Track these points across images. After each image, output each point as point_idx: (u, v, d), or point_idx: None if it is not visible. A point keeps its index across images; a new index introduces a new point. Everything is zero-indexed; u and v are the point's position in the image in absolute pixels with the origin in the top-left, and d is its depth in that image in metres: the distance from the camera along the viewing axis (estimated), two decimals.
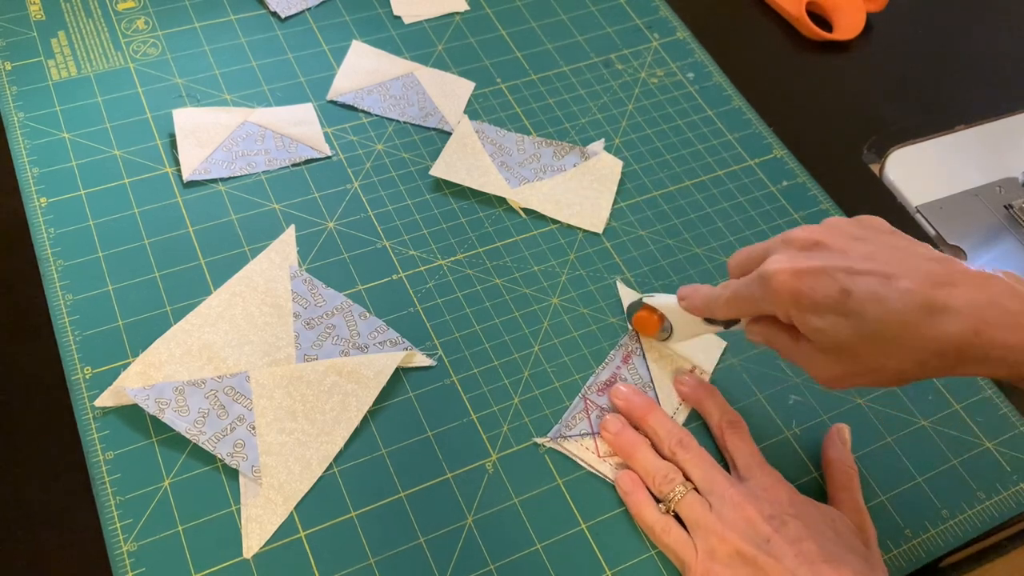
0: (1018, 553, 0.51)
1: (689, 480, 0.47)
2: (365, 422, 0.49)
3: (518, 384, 0.52)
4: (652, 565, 0.47)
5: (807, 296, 0.39)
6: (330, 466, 0.48)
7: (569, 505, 0.48)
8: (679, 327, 0.51)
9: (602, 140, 0.64)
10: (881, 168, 0.67)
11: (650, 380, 0.53)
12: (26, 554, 0.44)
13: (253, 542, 0.45)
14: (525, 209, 0.60)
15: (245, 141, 0.60)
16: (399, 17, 0.70)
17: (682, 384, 0.52)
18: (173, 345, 0.50)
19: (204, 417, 0.47)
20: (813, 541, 0.43)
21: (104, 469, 0.46)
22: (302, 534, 0.46)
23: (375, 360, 0.51)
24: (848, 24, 0.75)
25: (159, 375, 0.49)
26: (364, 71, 0.65)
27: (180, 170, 0.58)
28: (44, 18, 0.65)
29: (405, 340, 0.53)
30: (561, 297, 0.56)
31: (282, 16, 0.68)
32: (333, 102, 0.63)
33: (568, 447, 0.50)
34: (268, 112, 0.62)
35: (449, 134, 0.63)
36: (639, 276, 0.58)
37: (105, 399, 0.48)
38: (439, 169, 0.60)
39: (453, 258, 0.57)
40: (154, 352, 0.49)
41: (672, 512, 0.46)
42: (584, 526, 0.48)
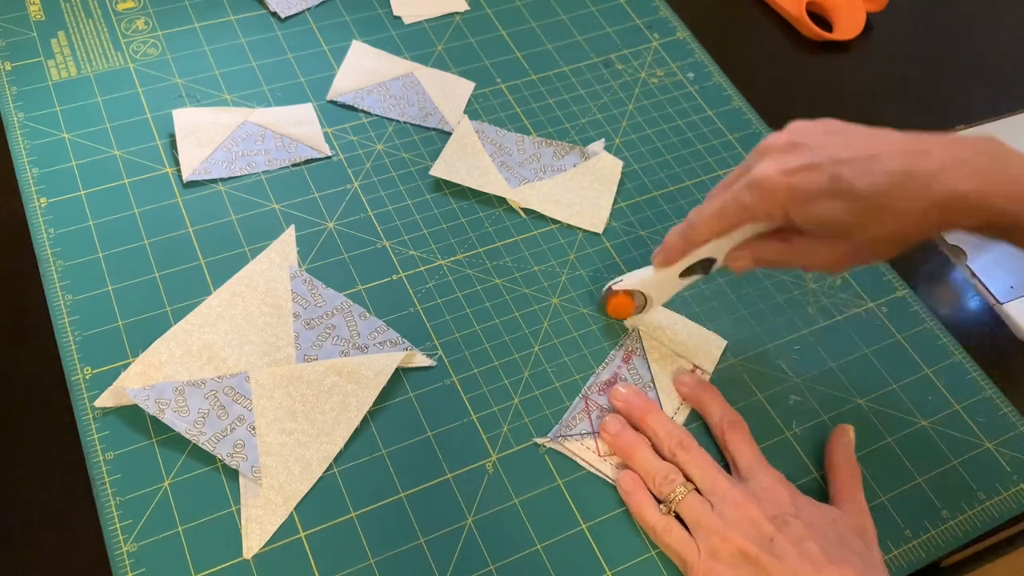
0: (1018, 553, 0.51)
1: (690, 481, 0.47)
2: (365, 422, 0.49)
3: (518, 384, 0.52)
4: (652, 565, 0.47)
5: (800, 190, 0.43)
6: (330, 466, 0.48)
7: (569, 505, 0.48)
8: (655, 293, 0.52)
9: (602, 140, 0.64)
10: None
11: (651, 380, 0.53)
12: (26, 554, 0.44)
13: (253, 542, 0.45)
14: (525, 209, 0.60)
15: (245, 141, 0.60)
16: (399, 17, 0.70)
17: (682, 384, 0.52)
18: (173, 345, 0.50)
19: (204, 417, 0.47)
20: (815, 541, 0.43)
21: (104, 469, 0.46)
22: (302, 534, 0.46)
23: (375, 360, 0.51)
24: (848, 24, 0.75)
25: (159, 375, 0.49)
26: (364, 71, 0.65)
27: (180, 170, 0.58)
28: (44, 18, 0.65)
29: (405, 340, 0.53)
30: (561, 297, 0.56)
31: (282, 16, 0.68)
32: (333, 102, 0.63)
33: (569, 447, 0.50)
34: (268, 112, 0.62)
35: (449, 134, 0.63)
36: None
37: (105, 399, 0.48)
38: (439, 169, 0.60)
39: (453, 258, 0.57)
40: (154, 352, 0.49)
41: (673, 512, 0.46)
42: (584, 526, 0.48)
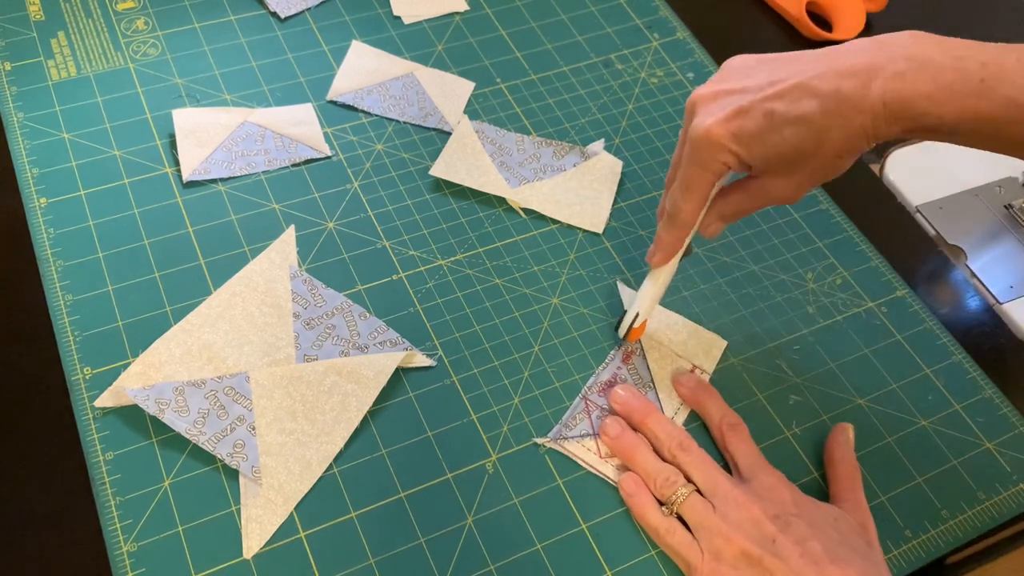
0: (1018, 553, 0.51)
1: (691, 482, 0.47)
2: (365, 422, 0.49)
3: (518, 384, 0.52)
4: (652, 565, 0.47)
5: (741, 131, 0.43)
6: (330, 466, 0.48)
7: (569, 505, 0.48)
8: (657, 296, 0.52)
9: (602, 140, 0.64)
10: (881, 168, 0.68)
11: (650, 380, 0.53)
12: (26, 554, 0.44)
13: (253, 542, 0.45)
14: (525, 209, 0.60)
15: (245, 141, 0.60)
16: (399, 17, 0.70)
17: (681, 385, 0.52)
18: (173, 345, 0.50)
19: (204, 417, 0.47)
20: (818, 541, 0.43)
21: (104, 469, 0.46)
22: (302, 534, 0.46)
23: (375, 360, 0.51)
24: (848, 24, 0.75)
25: (159, 375, 0.49)
26: (364, 71, 0.65)
27: (180, 170, 0.58)
28: (44, 18, 0.65)
29: (405, 340, 0.53)
30: (561, 297, 0.56)
31: (282, 16, 0.68)
32: (333, 102, 0.63)
33: (569, 448, 0.50)
34: (268, 112, 0.62)
35: (449, 134, 0.63)
36: (639, 276, 0.58)
37: (105, 399, 0.48)
38: (439, 169, 0.60)
39: (453, 258, 0.57)
40: (154, 352, 0.49)
41: (675, 514, 0.46)
42: (584, 526, 0.48)
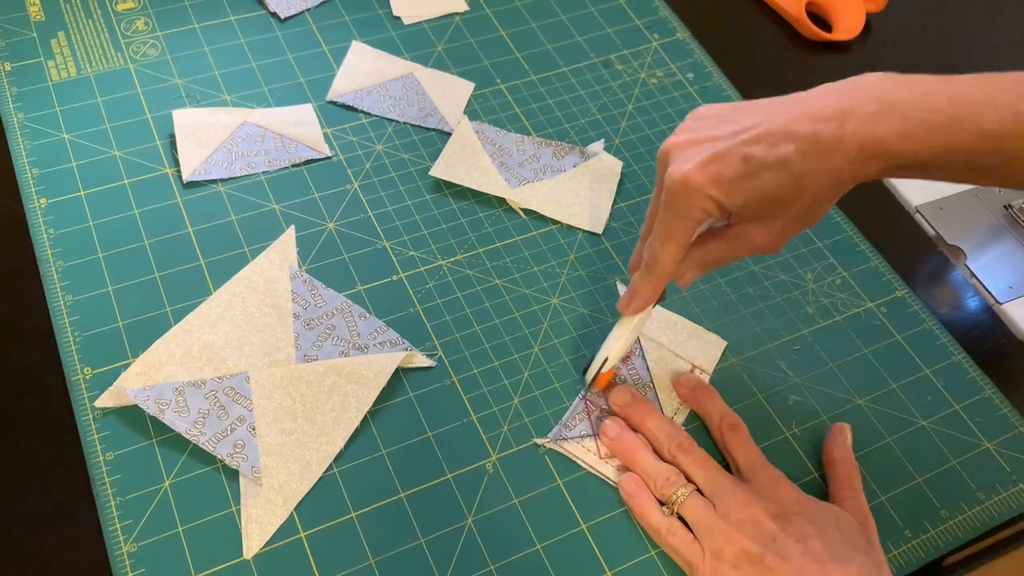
0: (1018, 553, 0.51)
1: (691, 482, 0.47)
2: (365, 423, 0.49)
3: (518, 385, 0.52)
4: (652, 565, 0.47)
5: (720, 177, 0.42)
6: (330, 467, 0.48)
7: (569, 505, 0.48)
8: (628, 344, 0.50)
9: (602, 140, 0.64)
10: None
11: (650, 380, 0.53)
12: (26, 554, 0.44)
13: (253, 543, 0.45)
14: (525, 209, 0.60)
15: (245, 142, 0.60)
16: (399, 18, 0.70)
17: (681, 385, 0.52)
18: (173, 346, 0.50)
19: (204, 418, 0.47)
20: (819, 539, 0.43)
21: (104, 470, 0.46)
22: (302, 534, 0.46)
23: (375, 361, 0.51)
24: (848, 24, 0.75)
25: (159, 376, 0.49)
26: (364, 72, 0.65)
27: (180, 171, 0.58)
28: (44, 19, 0.65)
29: (405, 340, 0.53)
30: (561, 297, 0.56)
31: (282, 17, 0.68)
32: (333, 103, 0.63)
33: (568, 448, 0.50)
34: (268, 113, 0.62)
35: (449, 134, 0.63)
36: None
37: (105, 400, 0.48)
38: (439, 169, 0.60)
39: (453, 258, 0.57)
40: (154, 353, 0.49)
41: (676, 514, 0.46)
42: (584, 526, 0.48)
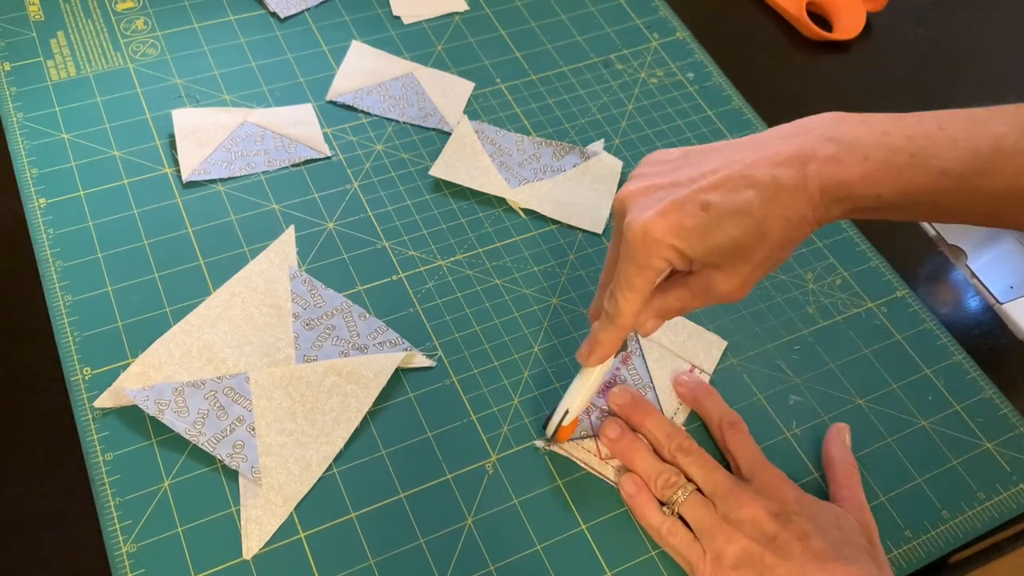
0: (1018, 553, 0.51)
1: (691, 482, 0.47)
2: (365, 423, 0.49)
3: (518, 385, 0.52)
4: (652, 566, 0.47)
5: (680, 226, 0.41)
6: (330, 467, 0.48)
7: (569, 505, 0.48)
8: (590, 395, 0.48)
9: (602, 140, 0.64)
10: None
11: (650, 380, 0.53)
12: (26, 555, 0.44)
13: (253, 543, 0.45)
14: (525, 209, 0.60)
15: (244, 141, 0.60)
16: (399, 17, 0.70)
17: (681, 385, 0.52)
18: (172, 346, 0.50)
19: (204, 418, 0.47)
20: (820, 538, 0.43)
21: (104, 470, 0.46)
22: (302, 535, 0.46)
23: (375, 361, 0.51)
24: (848, 24, 0.75)
25: (158, 376, 0.49)
26: (364, 71, 0.65)
27: (179, 171, 0.58)
28: (43, 18, 0.65)
29: (405, 341, 0.53)
30: (561, 297, 0.56)
31: (281, 16, 0.68)
32: (333, 102, 0.63)
33: (568, 449, 0.50)
34: (268, 112, 0.62)
35: (449, 134, 0.63)
36: None
37: (105, 400, 0.48)
38: (439, 169, 0.60)
39: (453, 258, 0.57)
40: (153, 353, 0.49)
41: (677, 514, 0.46)
42: (584, 526, 0.48)
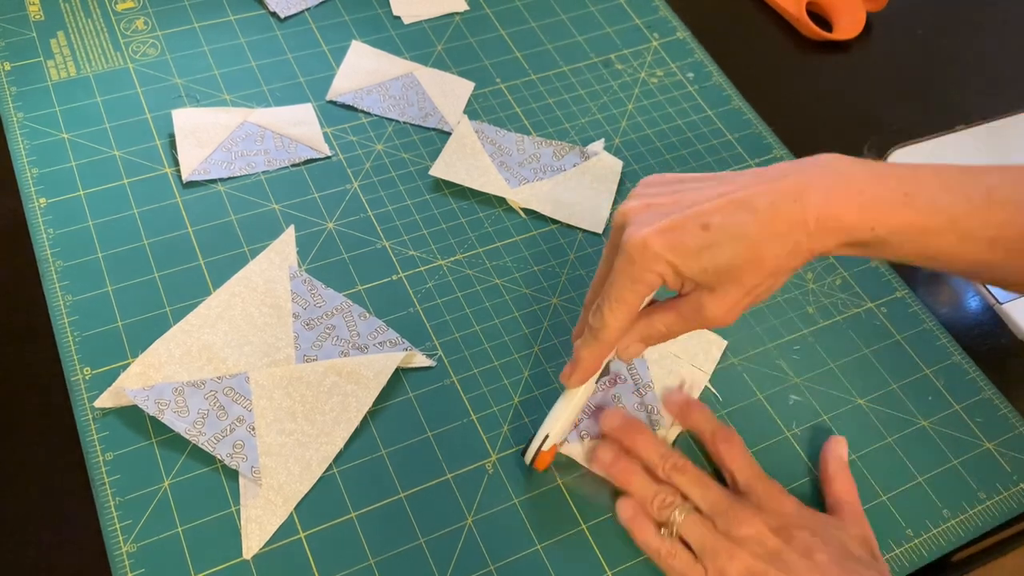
0: (1018, 553, 0.51)
1: (688, 501, 0.46)
2: (365, 422, 0.49)
3: (518, 384, 0.52)
4: (652, 566, 0.47)
5: (678, 243, 0.40)
6: (330, 467, 0.48)
7: (569, 505, 0.48)
8: (571, 420, 0.48)
9: (602, 140, 0.64)
10: None
11: (649, 381, 0.53)
12: (26, 554, 0.44)
13: (253, 543, 0.45)
14: (525, 209, 0.60)
15: (244, 141, 0.60)
16: (399, 17, 0.70)
17: (671, 403, 0.51)
18: (172, 346, 0.50)
19: (204, 418, 0.47)
20: (824, 553, 0.43)
21: (104, 470, 0.46)
22: (302, 535, 0.46)
23: (375, 361, 0.51)
24: (848, 24, 0.75)
25: (159, 376, 0.49)
26: (364, 71, 0.65)
27: (179, 170, 0.58)
28: (43, 18, 0.65)
29: (405, 340, 0.53)
30: (561, 297, 0.56)
31: (281, 16, 0.68)
32: (333, 102, 0.63)
33: (567, 450, 0.50)
34: (268, 112, 0.62)
35: (449, 134, 0.63)
36: None
37: (105, 400, 0.48)
38: (439, 169, 0.60)
39: (453, 258, 0.57)
40: (153, 353, 0.49)
41: (676, 536, 0.45)
42: (584, 526, 0.48)
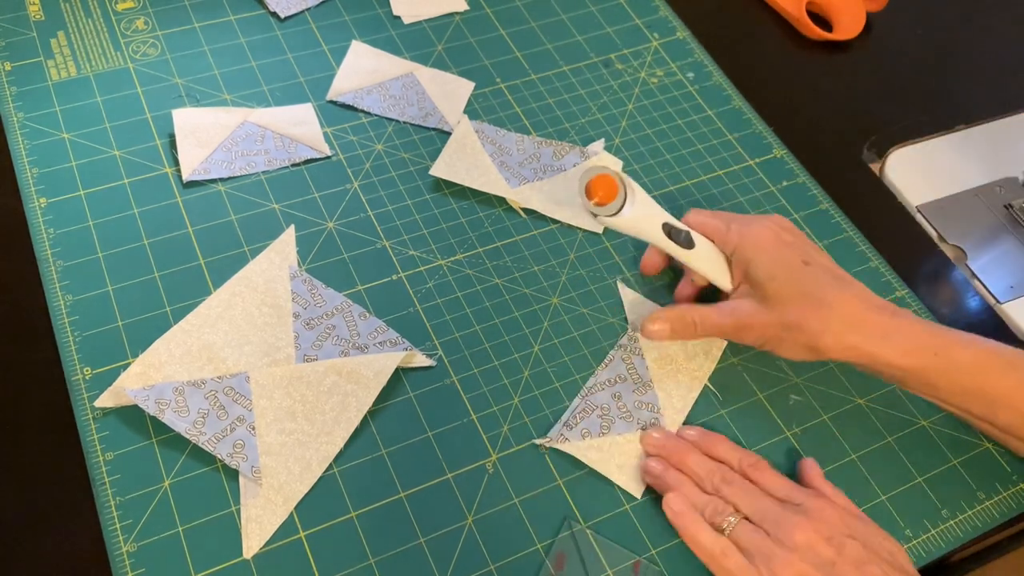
0: (1018, 553, 0.51)
1: (738, 511, 0.46)
2: (365, 422, 0.49)
3: (518, 384, 0.52)
4: (652, 565, 0.47)
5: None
6: (330, 466, 0.48)
7: (569, 505, 0.48)
8: (644, 225, 0.46)
9: (602, 140, 0.64)
10: (881, 168, 0.67)
11: (650, 380, 0.53)
12: (26, 554, 0.44)
13: (253, 542, 0.45)
14: (525, 209, 0.60)
15: (245, 141, 0.60)
16: (399, 17, 0.70)
17: (650, 446, 0.50)
18: (173, 346, 0.50)
19: (204, 418, 0.47)
20: (875, 565, 0.43)
21: (104, 470, 0.46)
22: (302, 534, 0.46)
23: (375, 360, 0.51)
24: (848, 24, 0.75)
25: (159, 376, 0.49)
26: (364, 71, 0.65)
27: (180, 170, 0.58)
28: (44, 18, 0.65)
29: (405, 340, 0.53)
30: (561, 297, 0.56)
31: (282, 16, 0.68)
32: (333, 102, 0.63)
33: (568, 449, 0.50)
34: (268, 112, 0.62)
35: (449, 134, 0.63)
36: (639, 276, 0.58)
37: (105, 400, 0.48)
38: (439, 169, 0.60)
39: (453, 258, 0.57)
40: (154, 353, 0.49)
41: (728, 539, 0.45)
42: (584, 526, 0.48)
